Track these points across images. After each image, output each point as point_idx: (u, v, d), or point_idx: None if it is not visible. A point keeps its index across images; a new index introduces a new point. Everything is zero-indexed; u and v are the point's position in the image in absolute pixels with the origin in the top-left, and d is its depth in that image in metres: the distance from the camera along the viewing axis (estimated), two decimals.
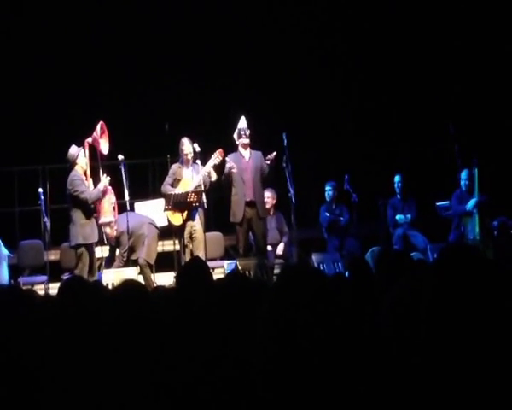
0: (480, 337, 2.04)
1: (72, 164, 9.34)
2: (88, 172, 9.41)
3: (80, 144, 9.41)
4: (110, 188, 9.46)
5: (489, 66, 12.26)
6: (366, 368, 2.02)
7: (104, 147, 9.50)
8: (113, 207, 9.50)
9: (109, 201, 9.43)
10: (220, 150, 9.70)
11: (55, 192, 11.81)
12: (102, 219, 9.40)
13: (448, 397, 2.02)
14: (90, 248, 9.29)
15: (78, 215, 9.24)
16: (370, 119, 12.47)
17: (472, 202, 10.29)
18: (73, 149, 9.36)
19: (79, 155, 9.35)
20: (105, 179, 9.38)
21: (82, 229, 9.23)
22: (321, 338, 1.91)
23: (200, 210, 9.68)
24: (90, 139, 9.45)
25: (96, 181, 9.40)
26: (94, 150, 9.51)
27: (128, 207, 9.53)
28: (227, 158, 9.84)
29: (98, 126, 9.50)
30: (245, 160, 9.92)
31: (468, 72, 12.29)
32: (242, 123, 9.95)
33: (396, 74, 12.47)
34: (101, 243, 9.62)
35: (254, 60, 12.19)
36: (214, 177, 9.68)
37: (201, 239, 9.65)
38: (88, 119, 10.45)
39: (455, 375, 2.03)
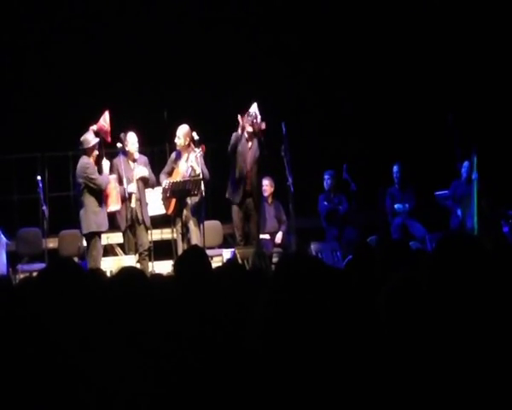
0: (478, 324, 2.04)
1: (86, 150, 9.31)
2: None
3: (85, 130, 9.43)
4: (115, 176, 9.50)
5: (488, 56, 12.23)
6: (365, 356, 2.02)
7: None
8: (119, 196, 9.52)
9: (116, 189, 9.47)
10: (202, 146, 9.69)
11: (54, 180, 11.82)
12: (110, 209, 9.43)
13: (445, 384, 2.03)
14: (100, 235, 9.36)
15: (91, 202, 9.25)
16: (369, 108, 12.45)
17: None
18: (91, 136, 9.34)
19: (96, 145, 9.35)
20: (106, 164, 9.42)
21: (95, 216, 9.25)
22: (320, 327, 1.91)
23: (193, 200, 9.69)
24: (94, 127, 9.47)
25: (98, 168, 9.44)
26: None
27: (127, 195, 9.53)
28: (233, 136, 9.83)
29: (106, 116, 9.52)
30: (247, 145, 9.90)
31: (466, 61, 12.27)
32: (253, 108, 9.88)
33: (396, 64, 12.44)
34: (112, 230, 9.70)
35: (253, 48, 12.16)
36: (198, 170, 9.65)
37: (195, 229, 9.66)
38: (87, 106, 10.44)
39: (452, 362, 2.03)
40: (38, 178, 10.07)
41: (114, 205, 9.45)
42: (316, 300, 1.94)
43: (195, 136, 9.69)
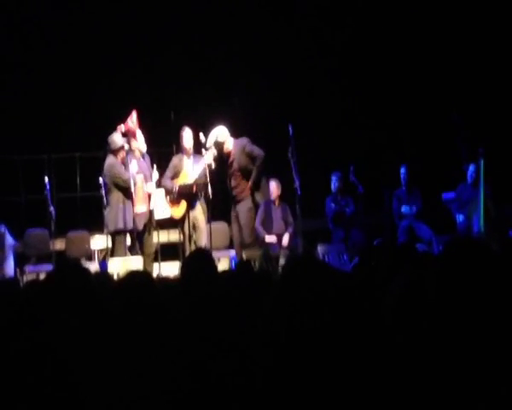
0: (483, 327, 2.04)
1: (113, 150, 9.53)
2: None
3: (113, 130, 9.58)
4: (142, 176, 9.55)
5: (492, 55, 12.21)
6: (371, 359, 2.02)
7: (139, 137, 9.67)
8: (147, 196, 9.58)
9: (142, 189, 9.53)
10: None
11: (61, 181, 11.85)
12: (136, 210, 9.47)
13: (449, 386, 2.03)
14: (125, 234, 9.45)
15: (115, 201, 9.42)
16: (376, 109, 12.44)
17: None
18: (118, 138, 9.55)
19: (124, 147, 9.53)
20: (134, 163, 9.49)
21: (116, 214, 9.39)
22: (326, 329, 1.92)
23: (202, 200, 9.70)
24: (122, 127, 9.59)
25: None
26: None
27: (134, 197, 9.56)
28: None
29: (134, 116, 9.60)
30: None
31: (472, 61, 12.25)
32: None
33: (401, 64, 12.43)
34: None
35: (261, 50, 12.17)
36: (213, 166, 9.68)
37: (203, 229, 9.67)
38: (92, 108, 10.46)
39: (457, 366, 2.03)
40: (46, 179, 10.10)
41: (140, 206, 9.51)
42: (322, 302, 1.94)
43: (202, 138, 9.70)
